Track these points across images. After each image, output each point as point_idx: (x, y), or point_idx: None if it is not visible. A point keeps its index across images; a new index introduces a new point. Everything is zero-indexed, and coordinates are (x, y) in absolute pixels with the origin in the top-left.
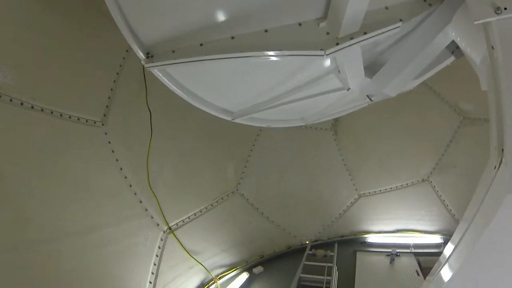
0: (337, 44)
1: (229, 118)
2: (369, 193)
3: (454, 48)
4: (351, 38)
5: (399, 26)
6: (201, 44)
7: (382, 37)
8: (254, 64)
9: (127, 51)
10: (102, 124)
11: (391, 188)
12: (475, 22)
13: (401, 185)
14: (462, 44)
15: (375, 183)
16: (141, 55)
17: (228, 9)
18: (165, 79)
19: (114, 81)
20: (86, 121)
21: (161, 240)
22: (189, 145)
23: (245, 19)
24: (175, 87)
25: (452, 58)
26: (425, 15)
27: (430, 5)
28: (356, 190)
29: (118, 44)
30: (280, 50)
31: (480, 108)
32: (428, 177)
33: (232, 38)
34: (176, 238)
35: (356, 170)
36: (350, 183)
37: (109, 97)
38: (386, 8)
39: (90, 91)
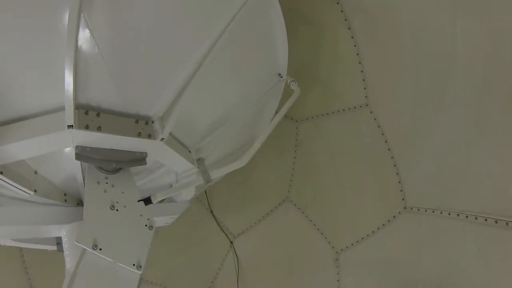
0: None
1: None
2: None
3: (60, 241)
4: None
5: (30, 194)
6: None
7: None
8: None
9: None
10: None
11: None
12: (75, 242)
13: None
14: (65, 245)
15: None
16: None
17: None
18: None
19: None
20: None
21: None
22: None
23: None
24: None
25: (54, 248)
26: (54, 204)
27: (65, 200)
28: None
29: None
30: None
31: None
32: None
33: None
34: None
35: None
36: None
37: None
38: (35, 172)
39: None
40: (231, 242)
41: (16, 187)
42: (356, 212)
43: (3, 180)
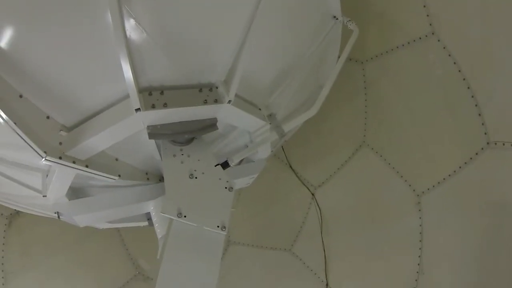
0: (60, 158)
1: None
2: None
3: (149, 216)
4: (73, 162)
5: (115, 179)
6: None
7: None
8: None
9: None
10: None
11: None
12: (161, 213)
13: None
14: (154, 219)
15: None
16: None
17: None
18: None
19: None
20: None
21: None
22: None
23: None
24: None
25: (145, 223)
26: (139, 184)
27: (148, 179)
28: None
29: None
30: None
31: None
32: None
33: None
34: None
35: None
36: None
37: None
38: (116, 159)
39: None
40: (313, 194)
41: (102, 176)
42: (435, 151)
43: (90, 172)
